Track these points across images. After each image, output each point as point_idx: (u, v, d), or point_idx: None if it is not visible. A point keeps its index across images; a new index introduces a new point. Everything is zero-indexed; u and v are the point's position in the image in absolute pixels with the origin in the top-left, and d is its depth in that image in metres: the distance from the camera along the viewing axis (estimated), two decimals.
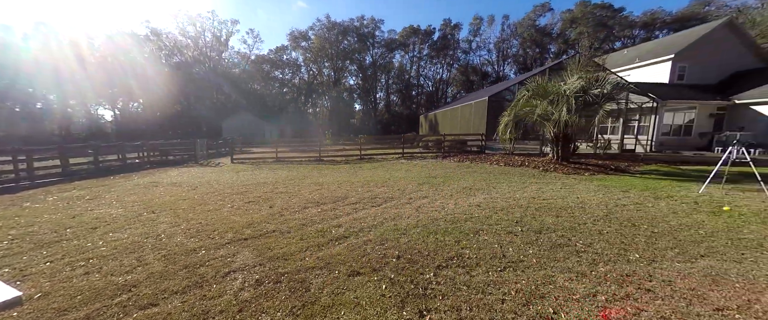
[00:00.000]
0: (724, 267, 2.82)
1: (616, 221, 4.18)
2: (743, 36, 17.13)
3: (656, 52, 18.68)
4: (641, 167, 9.59)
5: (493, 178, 7.69)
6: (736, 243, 3.36)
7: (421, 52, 52.55)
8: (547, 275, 2.66)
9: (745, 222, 4.11)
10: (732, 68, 17.19)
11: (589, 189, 6.37)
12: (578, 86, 8.31)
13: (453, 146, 14.72)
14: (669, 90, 15.83)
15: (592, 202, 5.22)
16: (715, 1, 35.07)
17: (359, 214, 4.71)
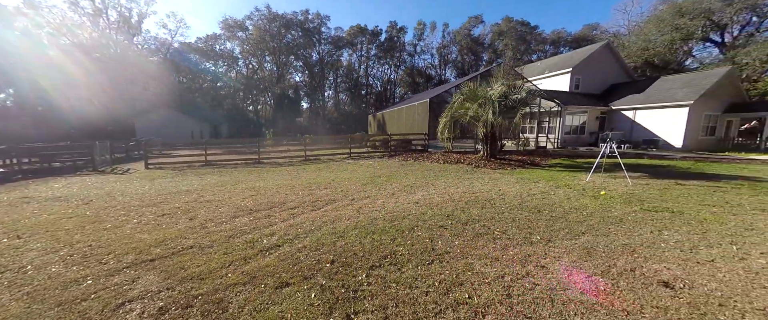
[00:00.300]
0: (597, 240, 3.55)
1: (526, 209, 4.88)
2: (617, 56, 21.95)
3: (560, 65, 22.54)
4: (549, 161, 11.45)
5: (433, 175, 8.21)
6: (606, 221, 4.27)
7: (369, 52, 53.03)
8: (467, 263, 2.94)
9: (614, 203, 5.26)
10: (610, 81, 21.86)
11: (509, 181, 7.32)
12: (501, 92, 9.49)
13: (399, 145, 15.23)
14: (569, 97, 19.28)
15: (510, 193, 6.00)
16: (600, 27, 44.20)
17: (297, 220, 4.49)
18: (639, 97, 18.12)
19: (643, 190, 6.20)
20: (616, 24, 39.66)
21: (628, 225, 4.09)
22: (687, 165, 10.13)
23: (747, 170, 9.13)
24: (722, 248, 3.33)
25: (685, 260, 3.03)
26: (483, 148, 11.09)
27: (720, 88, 15.91)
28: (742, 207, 4.96)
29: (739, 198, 5.51)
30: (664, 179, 7.45)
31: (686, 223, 4.15)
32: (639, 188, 6.40)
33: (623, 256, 3.11)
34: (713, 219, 4.31)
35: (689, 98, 15.13)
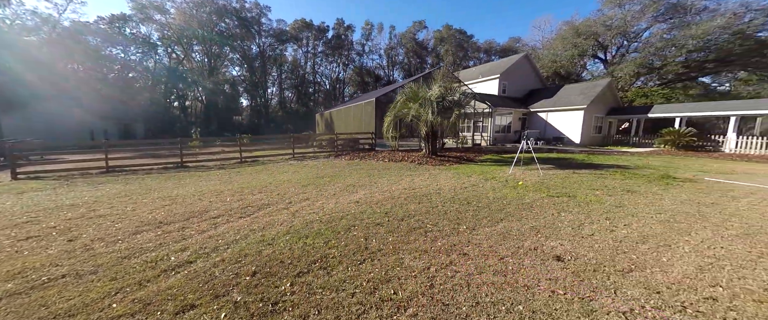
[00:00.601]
0: (511, 225, 4.00)
1: (457, 201, 5.27)
2: (533, 66, 25.65)
3: (490, 71, 25.28)
4: (482, 157, 12.71)
5: (377, 174, 8.29)
6: (520, 207, 4.87)
7: (316, 48, 51.21)
8: (398, 258, 2.99)
9: (528, 191, 6.06)
10: (529, 87, 25.43)
11: (447, 176, 7.84)
12: (439, 93, 10.13)
13: (346, 145, 15.02)
14: (498, 100, 21.77)
15: (446, 188, 6.41)
16: (522, 40, 51.15)
17: (219, 230, 3.97)
18: (549, 101, 21.51)
19: (550, 179, 7.32)
20: (533, 39, 46.38)
21: (536, 210, 4.74)
22: (582, 158, 12.40)
23: (622, 160, 11.62)
24: (599, 223, 4.10)
25: (574, 236, 3.64)
26: (425, 146, 11.68)
27: (603, 95, 19.97)
28: (616, 189, 6.25)
29: (614, 183, 6.93)
30: (566, 169, 8.95)
31: (577, 205, 5.02)
32: (547, 178, 7.54)
33: (530, 237, 3.58)
34: (596, 200, 5.32)
35: (583, 103, 18.59)
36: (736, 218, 4.35)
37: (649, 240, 3.50)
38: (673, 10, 29.21)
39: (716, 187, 6.54)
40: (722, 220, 4.26)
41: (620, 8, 31.40)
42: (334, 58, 52.77)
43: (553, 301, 2.24)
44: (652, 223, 4.10)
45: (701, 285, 2.50)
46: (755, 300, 2.30)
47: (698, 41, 26.62)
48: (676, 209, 4.80)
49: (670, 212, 4.63)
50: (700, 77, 31.72)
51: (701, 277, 2.64)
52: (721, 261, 2.96)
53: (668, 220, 4.23)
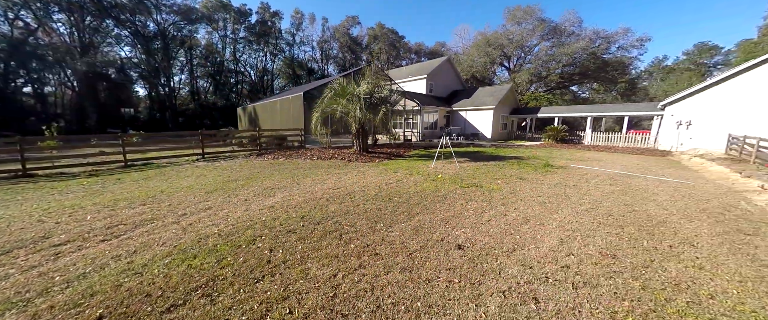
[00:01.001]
0: (425, 218, 4.20)
1: (380, 198, 5.29)
2: (455, 69, 28.45)
3: (419, 71, 26.94)
4: (411, 152, 13.39)
5: (302, 173, 7.73)
6: (435, 200, 5.20)
7: (237, 33, 45.20)
8: (303, 270, 2.72)
9: (444, 184, 6.57)
10: (452, 87, 28.16)
11: (374, 173, 7.89)
12: (367, 90, 10.12)
13: (271, 142, 13.67)
14: (426, 98, 23.37)
15: (371, 184, 6.41)
16: (446, 45, 56.31)
17: (60, 262, 2.94)
18: (468, 101, 24.28)
19: (464, 171, 8.16)
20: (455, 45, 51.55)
21: (449, 201, 5.15)
22: (492, 151, 14.38)
23: (519, 152, 13.93)
24: (497, 209, 4.70)
25: (476, 223, 4.05)
26: (356, 142, 11.57)
27: (507, 98, 23.64)
28: (512, 177, 7.37)
29: (511, 172, 8.18)
30: (478, 162, 10.16)
31: (482, 194, 5.68)
32: (463, 170, 8.39)
33: (440, 228, 3.81)
34: (497, 189, 6.13)
35: (492, 104, 21.63)
36: (587, 196, 5.63)
37: (530, 221, 4.16)
38: (553, 32, 36.63)
39: (577, 172, 8.42)
40: (578, 199, 5.44)
41: (519, 26, 37.64)
42: (259, 46, 47.64)
43: (449, 291, 2.36)
44: (533, 205, 4.93)
45: (560, 256, 3.05)
46: (593, 263, 2.93)
47: (569, 58, 34.05)
48: (551, 192, 5.93)
49: (547, 195, 5.68)
50: (570, 86, 40.95)
51: (561, 249, 3.23)
52: (575, 233, 3.71)
53: (545, 202, 5.16)
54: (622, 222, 4.21)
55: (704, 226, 4.09)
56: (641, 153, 14.72)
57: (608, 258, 3.02)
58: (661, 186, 6.73)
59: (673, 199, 5.53)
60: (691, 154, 13.28)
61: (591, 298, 2.31)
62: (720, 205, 5.19)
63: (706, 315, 2.15)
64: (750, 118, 13.99)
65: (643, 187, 6.54)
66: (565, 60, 34.26)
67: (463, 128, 23.61)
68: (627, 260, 3.01)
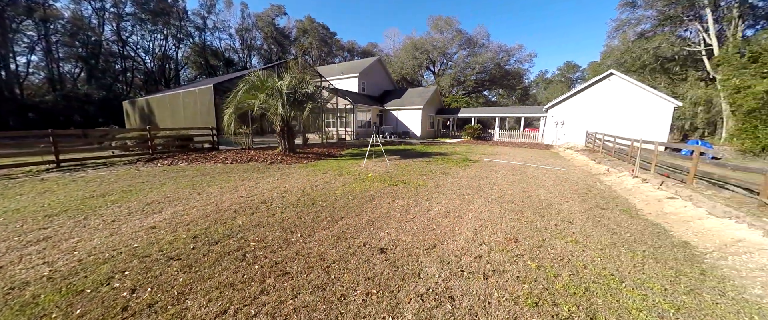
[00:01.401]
0: (350, 222, 3.91)
1: (302, 203, 4.76)
2: (386, 69, 29.25)
3: (351, 69, 26.66)
4: (344, 151, 12.99)
5: (207, 181, 6.44)
6: (363, 201, 4.98)
7: (121, 7, 35.83)
8: (178, 312, 2.05)
9: (374, 183, 6.44)
10: (383, 87, 28.88)
11: (300, 175, 7.20)
12: (290, 84, 9.22)
13: (171, 144, 11.17)
14: (359, 97, 23.27)
15: (294, 188, 5.77)
16: (378, 46, 57.69)
17: None
18: (399, 101, 25.30)
19: (394, 169, 8.26)
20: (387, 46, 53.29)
21: (377, 201, 5.01)
22: (421, 148, 15.25)
23: (443, 149, 15.16)
24: (421, 205, 4.78)
25: (401, 221, 3.99)
26: (281, 142, 10.48)
27: (433, 99, 25.63)
28: (436, 173, 7.81)
29: (436, 167, 8.70)
30: (407, 159, 10.52)
31: (409, 191, 5.76)
32: (393, 168, 8.49)
33: (364, 232, 3.58)
34: (423, 184, 6.34)
35: (420, 104, 23.11)
36: (496, 186, 6.35)
37: (450, 214, 4.36)
38: (468, 43, 41.61)
39: (489, 165, 9.58)
40: (489, 189, 6.08)
41: (441, 34, 41.35)
42: (156, 26, 39.02)
43: (366, 306, 2.12)
44: (453, 199, 5.23)
45: (474, 247, 3.21)
46: (501, 249, 3.17)
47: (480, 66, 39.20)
48: (468, 184, 6.47)
49: (465, 187, 6.16)
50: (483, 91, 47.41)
51: (475, 239, 3.42)
52: (486, 222, 4.03)
53: (463, 194, 5.55)
54: (521, 207, 4.83)
55: (576, 205, 5.04)
56: (533, 147, 18.02)
57: (512, 243, 3.33)
58: (547, 173, 8.20)
59: (555, 184, 6.75)
60: (565, 147, 16.92)
61: (499, 286, 2.43)
62: (585, 187, 6.59)
63: (582, 285, 2.50)
64: (596, 119, 18.73)
65: (536, 175, 7.83)
66: (478, 67, 39.47)
67: (395, 127, 24.47)
68: (526, 242, 3.38)
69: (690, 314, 2.17)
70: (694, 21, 24.34)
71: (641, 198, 5.44)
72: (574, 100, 19.84)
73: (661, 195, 5.23)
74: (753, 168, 6.88)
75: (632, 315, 2.13)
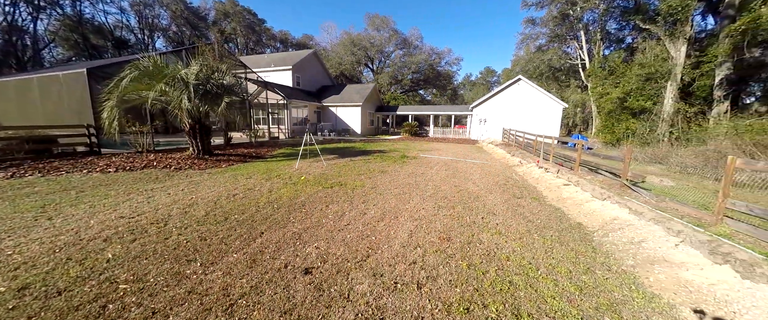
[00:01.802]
0: (271, 237, 3.32)
1: (211, 219, 3.89)
2: (322, 63, 27.93)
3: (284, 61, 24.51)
4: (276, 151, 11.74)
5: (70, 199, 4.75)
6: (291, 209, 4.38)
7: None
8: None
9: (306, 186, 5.85)
10: (321, 82, 27.55)
11: (215, 183, 6.03)
12: (200, 73, 7.66)
13: (20, 148, 8.10)
14: (293, 92, 21.56)
15: (204, 201, 4.74)
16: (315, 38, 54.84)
17: None
18: (338, 97, 24.51)
19: (331, 169, 7.75)
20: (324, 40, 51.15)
21: (307, 208, 4.49)
22: (361, 146, 15.00)
23: (383, 146, 15.26)
24: (357, 209, 4.48)
25: (333, 229, 3.60)
26: (192, 143, 8.73)
27: (372, 96, 25.70)
28: (375, 172, 7.64)
29: (375, 166, 8.54)
30: (346, 158, 10.10)
31: (345, 193, 5.39)
32: (329, 168, 7.96)
33: (288, 248, 3.06)
34: (360, 185, 6.05)
35: (360, 101, 22.87)
36: (431, 183, 6.54)
37: (387, 216, 4.18)
38: (404, 43, 43.21)
39: (425, 161, 9.96)
40: (425, 185, 6.20)
41: (378, 32, 41.80)
42: None
43: None
44: (390, 199, 5.11)
45: (409, 252, 3.07)
46: (435, 251, 3.11)
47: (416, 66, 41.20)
48: (405, 182, 6.49)
49: (402, 185, 6.14)
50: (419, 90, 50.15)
51: (410, 242, 3.30)
52: (421, 222, 3.99)
53: (401, 194, 5.49)
54: (453, 202, 5.02)
55: (498, 196, 5.53)
56: (462, 142, 19.83)
57: (445, 242, 3.33)
58: (474, 167, 8.96)
59: (481, 177, 7.37)
60: (487, 142, 19.13)
61: (432, 295, 2.30)
62: (504, 178, 7.38)
63: (507, 279, 2.59)
64: (511, 117, 21.76)
65: (465, 170, 8.45)
66: (414, 67, 41.48)
67: (334, 124, 23.64)
68: (458, 239, 3.42)
69: (590, 293, 2.44)
70: (573, 40, 30.65)
71: (546, 186, 6.35)
72: (493, 101, 22.63)
73: (559, 182, 6.18)
74: (613, 156, 8.81)
75: (548, 303, 2.26)
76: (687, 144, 12.45)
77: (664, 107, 15.26)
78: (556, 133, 20.81)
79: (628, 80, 18.45)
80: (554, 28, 30.22)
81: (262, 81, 16.73)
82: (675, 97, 15.12)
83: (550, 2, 28.44)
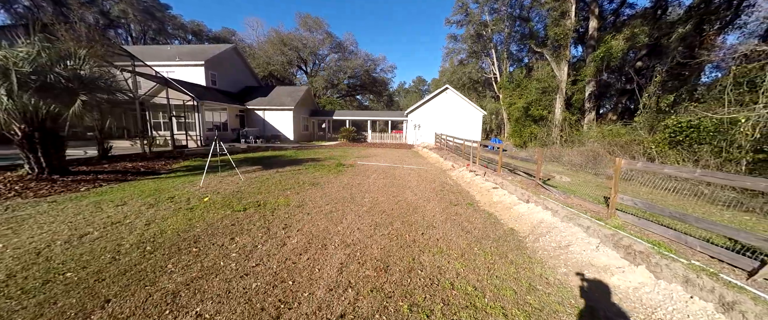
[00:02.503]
0: (122, 307, 2.15)
1: (20, 283, 2.38)
2: (245, 61, 24.74)
3: (193, 55, 20.67)
4: (179, 163, 9.39)
5: None
6: (173, 251, 3.14)
7: None
8: None
9: (209, 210, 4.51)
10: (244, 83, 24.34)
11: (58, 217, 4.09)
12: (34, 56, 5.30)
13: None
14: (206, 92, 18.27)
15: (21, 249, 3.01)
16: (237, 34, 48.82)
17: None
18: (265, 100, 21.99)
19: (250, 185, 6.41)
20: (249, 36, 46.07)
21: (201, 244, 3.31)
22: (291, 154, 13.51)
23: (318, 153, 14.12)
24: (275, 238, 3.54)
25: (233, 277, 2.61)
26: (28, 158, 6.05)
27: (305, 99, 24.04)
28: (305, 184, 6.66)
29: (305, 177, 7.53)
30: (272, 169, 8.72)
31: (262, 216, 4.33)
32: (248, 183, 6.59)
33: None
34: (284, 203, 5.04)
35: (291, 104, 21.02)
36: (368, 194, 5.98)
37: (313, 245, 3.39)
38: (339, 47, 42.48)
39: (362, 169, 9.41)
40: (361, 198, 5.60)
41: (311, 33, 39.93)
42: None
43: None
44: (319, 219, 4.31)
45: (337, 298, 2.37)
46: (370, 290, 2.49)
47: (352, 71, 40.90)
48: (339, 196, 5.76)
49: (336, 200, 5.39)
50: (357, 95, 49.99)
51: (339, 282, 2.61)
52: (355, 249, 3.34)
53: (332, 211, 4.73)
54: (392, 216, 4.55)
55: (436, 205, 5.34)
56: (400, 147, 20.20)
57: (382, 275, 2.76)
58: (411, 173, 8.85)
59: (418, 184, 7.22)
60: (422, 146, 19.96)
61: None
62: (439, 184, 7.40)
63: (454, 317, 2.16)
64: (442, 122, 23.36)
65: (402, 176, 8.23)
66: (350, 72, 41.08)
67: (261, 130, 21.07)
68: (396, 269, 2.90)
69: (537, 316, 2.21)
70: (487, 57, 35.40)
71: (477, 190, 6.55)
72: (425, 107, 23.95)
73: (488, 186, 6.45)
74: (522, 156, 9.93)
75: None
76: (572, 145, 15.37)
77: (555, 115, 18.77)
78: (478, 137, 23.30)
79: (530, 92, 22.12)
80: (472, 46, 34.31)
81: (160, 76, 13.52)
82: (562, 107, 18.79)
83: (467, 22, 32.24)
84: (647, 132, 12.38)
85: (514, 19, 29.44)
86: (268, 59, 37.07)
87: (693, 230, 3.55)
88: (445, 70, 44.46)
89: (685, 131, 9.18)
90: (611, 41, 15.44)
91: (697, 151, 8.50)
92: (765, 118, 6.85)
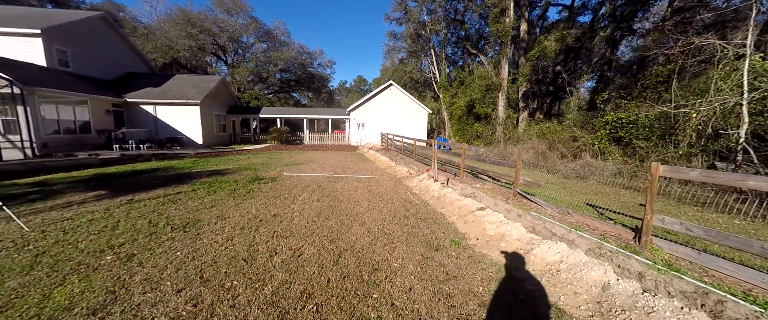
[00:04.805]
0: None
1: None
2: (125, 39, 18.21)
3: (25, 20, 13.88)
4: None
5: None
6: None
7: None
8: None
9: None
10: (126, 68, 17.97)
11: None
12: None
13: None
14: (48, 75, 12.26)
15: None
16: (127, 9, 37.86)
17: None
18: (157, 91, 16.47)
19: (45, 236, 3.07)
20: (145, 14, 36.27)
21: None
22: (185, 164, 9.58)
23: (230, 162, 10.49)
24: None
25: None
26: None
27: (220, 92, 19.18)
28: (164, 229, 3.64)
29: (178, 212, 4.43)
30: (121, 196, 5.18)
31: None
32: (42, 234, 3.20)
33: None
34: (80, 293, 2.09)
35: (197, 97, 16.19)
36: (284, 240, 3.41)
37: None
38: (267, 36, 37.05)
39: (287, 185, 6.63)
40: (274, 245, 3.03)
41: (230, 16, 33.55)
42: None
43: None
44: (175, 305, 1.61)
45: None
46: None
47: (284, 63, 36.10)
48: (229, 248, 3.03)
49: (220, 259, 2.67)
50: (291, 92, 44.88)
51: None
52: None
53: (209, 280, 2.05)
54: (328, 308, 2.16)
55: (404, 254, 3.15)
56: (342, 149, 17.63)
57: None
58: (359, 188, 6.52)
59: (370, 208, 4.94)
60: (367, 147, 17.84)
61: None
62: (400, 204, 5.28)
63: None
64: (387, 121, 21.71)
65: (347, 194, 5.83)
66: (281, 64, 36.16)
67: (152, 131, 15.63)
68: None
69: None
70: (427, 57, 35.66)
71: (455, 211, 4.67)
72: (369, 105, 21.94)
73: (467, 203, 4.64)
74: (471, 155, 8.72)
75: None
76: (515, 143, 15.47)
77: (498, 113, 19.14)
78: (425, 136, 22.50)
79: (473, 90, 22.32)
80: (411, 45, 33.96)
81: None
82: (505, 105, 19.30)
83: (406, 20, 31.62)
84: (579, 129, 12.92)
85: (450, 21, 30.04)
86: (170, 42, 29.34)
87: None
88: (387, 69, 43.56)
89: (625, 127, 9.36)
90: (545, 42, 16.26)
91: (638, 146, 8.60)
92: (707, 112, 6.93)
